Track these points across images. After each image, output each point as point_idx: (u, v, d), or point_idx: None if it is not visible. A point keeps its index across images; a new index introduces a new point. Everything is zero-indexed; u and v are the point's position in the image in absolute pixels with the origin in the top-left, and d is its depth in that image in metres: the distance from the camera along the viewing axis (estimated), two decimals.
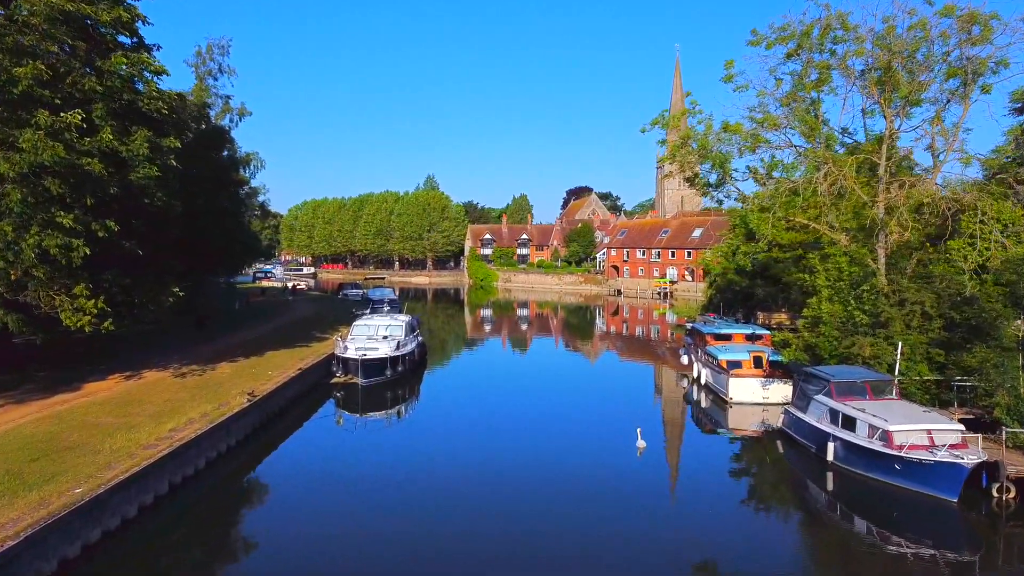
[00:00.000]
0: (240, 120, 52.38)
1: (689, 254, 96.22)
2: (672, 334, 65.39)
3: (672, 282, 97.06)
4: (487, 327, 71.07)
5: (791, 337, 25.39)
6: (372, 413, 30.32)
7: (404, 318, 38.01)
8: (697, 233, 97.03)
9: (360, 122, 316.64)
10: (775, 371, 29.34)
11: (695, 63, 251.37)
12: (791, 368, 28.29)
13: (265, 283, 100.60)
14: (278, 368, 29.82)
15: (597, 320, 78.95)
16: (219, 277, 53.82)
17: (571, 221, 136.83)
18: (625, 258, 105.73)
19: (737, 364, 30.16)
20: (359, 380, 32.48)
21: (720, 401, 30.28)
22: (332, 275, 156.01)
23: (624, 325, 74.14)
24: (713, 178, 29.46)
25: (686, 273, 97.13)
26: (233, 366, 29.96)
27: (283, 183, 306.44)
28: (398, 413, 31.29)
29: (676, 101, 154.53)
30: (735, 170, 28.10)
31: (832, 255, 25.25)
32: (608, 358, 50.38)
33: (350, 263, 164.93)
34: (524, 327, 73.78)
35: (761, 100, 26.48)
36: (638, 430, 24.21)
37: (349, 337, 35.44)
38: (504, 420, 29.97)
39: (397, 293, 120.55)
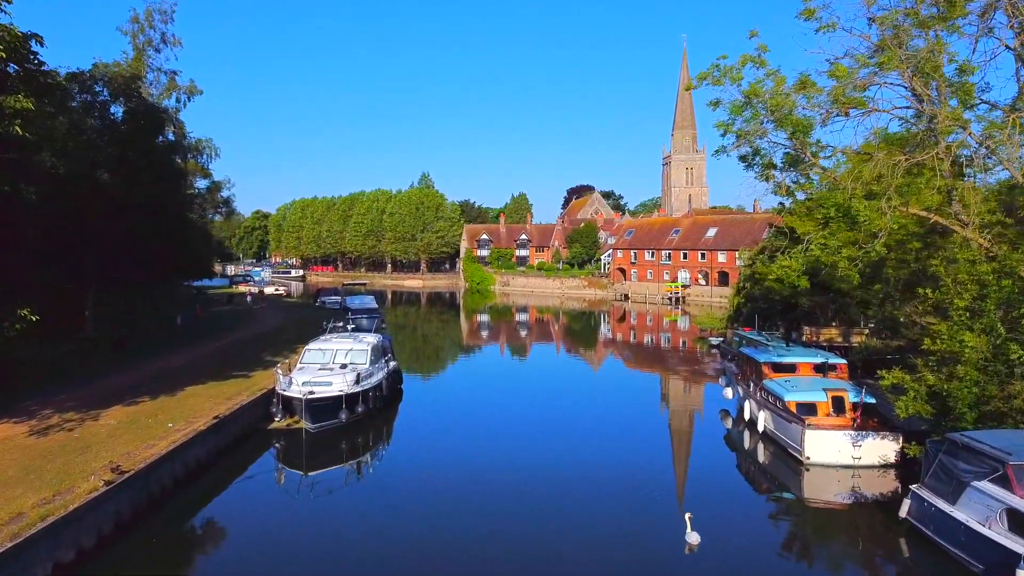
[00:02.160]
0: (189, 100, 44.69)
1: (703, 255, 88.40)
2: (684, 342, 57.62)
3: (684, 286, 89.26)
4: (484, 335, 63.25)
5: (907, 379, 17.48)
6: (322, 469, 22.64)
7: (371, 339, 30.04)
8: (711, 233, 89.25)
9: (355, 119, 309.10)
10: (869, 419, 21.46)
11: (703, 55, 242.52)
12: (900, 425, 20.42)
13: (243, 288, 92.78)
14: (187, 415, 21.89)
15: (603, 328, 71.05)
16: (157, 285, 45.29)
17: (573, 220, 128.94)
18: (632, 260, 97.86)
19: (811, 408, 22.29)
20: (306, 425, 24.66)
21: (787, 458, 22.38)
22: (322, 278, 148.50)
23: (632, 333, 66.37)
24: (779, 157, 21.69)
25: (699, 276, 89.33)
26: (126, 412, 22.02)
27: (275, 182, 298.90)
28: (357, 467, 23.66)
29: (684, 94, 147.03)
30: (817, 142, 20.24)
31: (968, 261, 17.34)
32: (619, 379, 42.46)
33: (340, 265, 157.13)
34: (523, 334, 66.06)
35: (849, 52, 18.65)
36: (687, 517, 16.34)
37: (297, 366, 27.53)
38: (497, 471, 22.51)
39: (389, 298, 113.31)
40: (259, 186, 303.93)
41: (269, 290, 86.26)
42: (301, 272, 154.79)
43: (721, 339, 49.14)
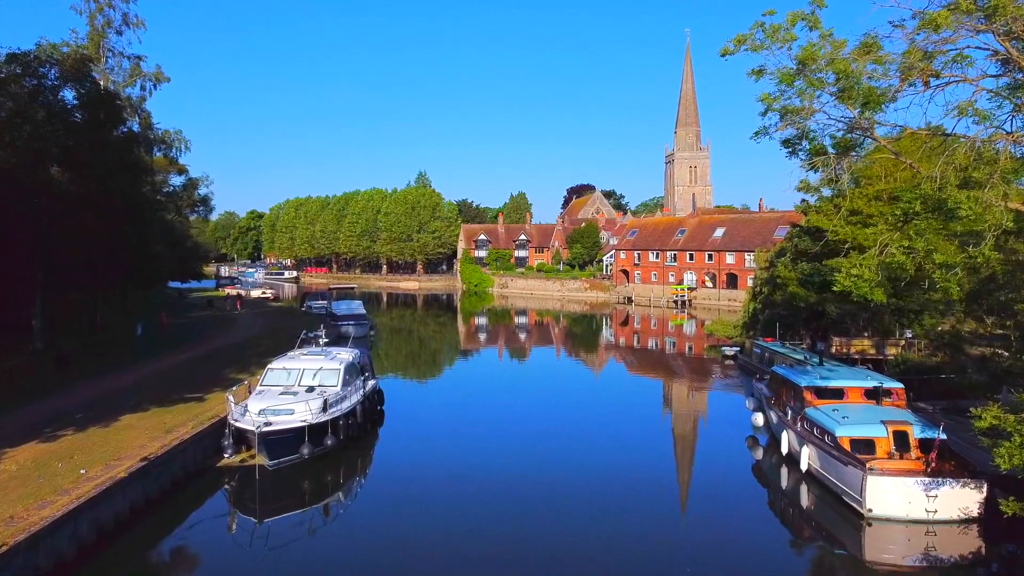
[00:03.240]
0: (155, 88, 40.61)
1: (710, 257, 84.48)
2: (691, 347, 53.89)
3: (691, 288, 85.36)
4: (480, 339, 59.24)
5: (1010, 420, 13.59)
6: (280, 515, 18.91)
7: (345, 355, 26.09)
8: (719, 233, 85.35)
9: (351, 118, 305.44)
10: (944, 462, 17.56)
11: (708, 49, 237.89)
12: (984, 470, 16.46)
13: (229, 291, 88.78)
14: (110, 456, 17.99)
15: (607, 334, 67.07)
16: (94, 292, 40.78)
17: (574, 220, 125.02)
18: (636, 261, 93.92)
19: (868, 446, 18.42)
20: (264, 462, 20.79)
21: (840, 506, 18.48)
22: (316, 279, 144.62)
23: (636, 338, 62.67)
24: (827, 140, 17.82)
25: (706, 279, 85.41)
26: (37, 452, 18.11)
27: (271, 182, 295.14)
28: (323, 511, 19.97)
29: (687, 90, 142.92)
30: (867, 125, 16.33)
31: None
32: (625, 393, 38.23)
33: (335, 266, 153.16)
34: (522, 337, 62.23)
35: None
36: None
37: (256, 390, 23.58)
38: (492, 512, 18.96)
39: (384, 300, 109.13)
40: (255, 186, 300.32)
41: (256, 293, 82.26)
42: (295, 273, 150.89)
43: (737, 349, 45.28)
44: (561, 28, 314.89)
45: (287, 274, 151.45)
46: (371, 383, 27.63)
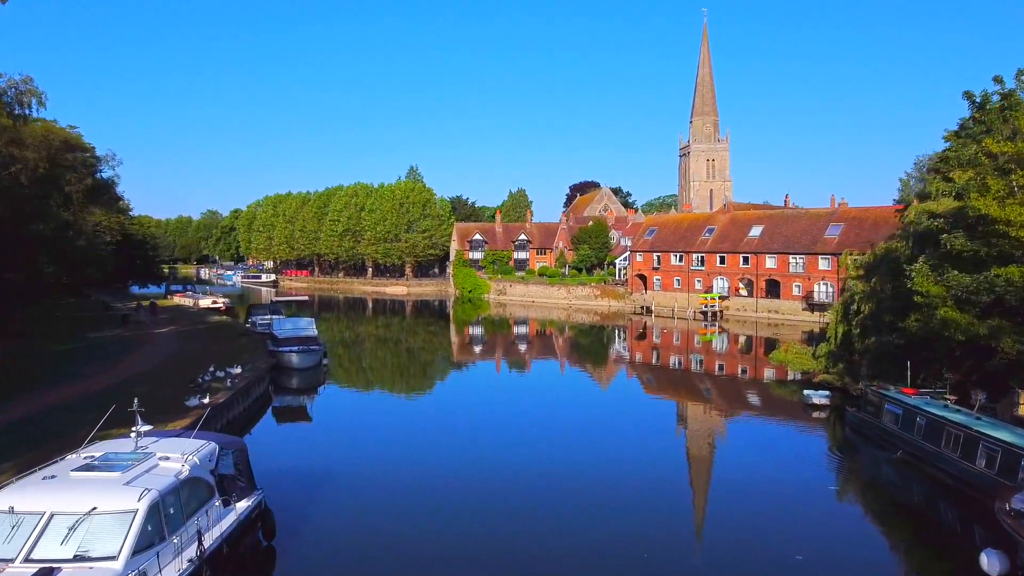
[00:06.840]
0: None
1: (746, 260, 71.39)
2: (721, 367, 40.66)
3: (722, 297, 72.29)
4: (475, 352, 46.11)
5: None
6: None
7: (172, 467, 12.69)
8: (755, 232, 72.32)
9: (341, 113, 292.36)
10: None
11: (726, 32, 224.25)
12: None
13: (178, 299, 75.66)
14: None
15: (633, 354, 53.81)
16: None
17: (579, 219, 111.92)
18: (655, 265, 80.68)
19: None
20: None
21: None
22: (296, 283, 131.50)
23: (654, 353, 49.55)
24: None
25: (741, 285, 72.34)
26: None
27: (260, 180, 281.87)
28: None
29: (704, 76, 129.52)
30: None
31: None
32: (666, 463, 24.96)
33: (317, 269, 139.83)
34: (523, 348, 48.99)
35: None
36: None
37: None
38: None
39: (369, 307, 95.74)
40: (242, 184, 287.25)
41: (205, 302, 69.14)
42: (273, 277, 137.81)
43: (827, 394, 31.87)
44: (560, 15, 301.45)
45: (264, 277, 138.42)
46: (240, 509, 14.19)
